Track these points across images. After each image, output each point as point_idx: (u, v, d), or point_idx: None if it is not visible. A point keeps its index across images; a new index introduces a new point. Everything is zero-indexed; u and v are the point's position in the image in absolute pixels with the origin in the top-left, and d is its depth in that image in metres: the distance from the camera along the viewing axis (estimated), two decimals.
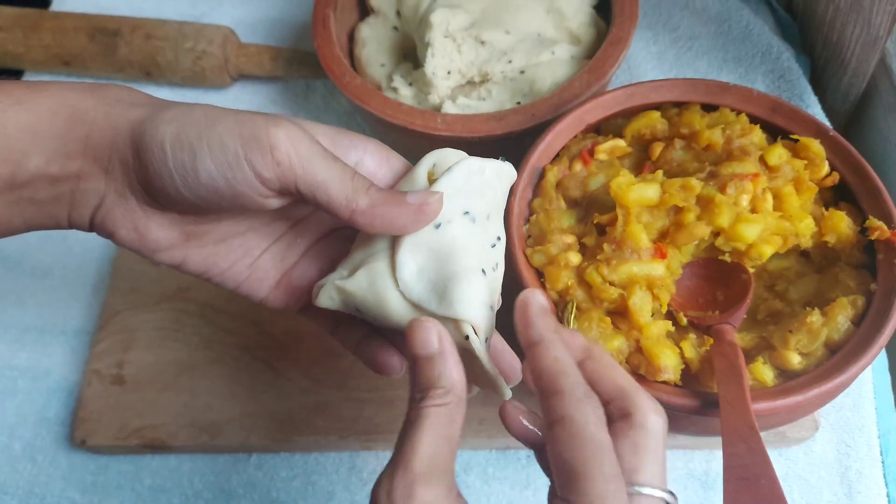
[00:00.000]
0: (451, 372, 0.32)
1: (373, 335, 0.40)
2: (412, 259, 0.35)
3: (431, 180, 0.36)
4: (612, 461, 0.29)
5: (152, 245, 0.37)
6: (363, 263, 0.36)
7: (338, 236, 0.41)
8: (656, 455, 0.32)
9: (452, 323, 0.34)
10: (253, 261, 0.40)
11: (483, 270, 0.35)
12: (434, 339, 0.32)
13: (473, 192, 0.36)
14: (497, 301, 0.37)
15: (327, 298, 0.36)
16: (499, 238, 0.37)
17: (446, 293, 0.34)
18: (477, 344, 0.34)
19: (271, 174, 0.33)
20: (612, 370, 0.33)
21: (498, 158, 0.38)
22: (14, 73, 0.73)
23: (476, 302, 0.34)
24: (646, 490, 0.31)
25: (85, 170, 0.35)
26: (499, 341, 0.39)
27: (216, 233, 0.38)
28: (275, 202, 0.35)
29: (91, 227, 0.37)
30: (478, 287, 0.34)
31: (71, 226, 0.37)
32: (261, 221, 0.39)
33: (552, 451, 0.30)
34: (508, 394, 0.36)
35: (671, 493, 0.31)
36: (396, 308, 0.35)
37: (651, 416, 0.32)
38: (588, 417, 0.30)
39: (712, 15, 0.69)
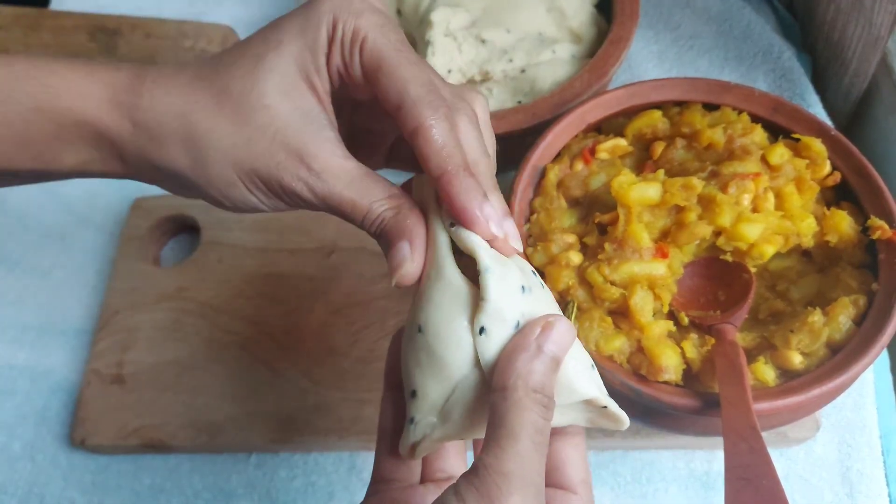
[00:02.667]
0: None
1: None
2: None
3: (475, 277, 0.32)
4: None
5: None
6: (455, 403, 0.31)
7: (365, 113, 0.39)
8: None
9: (582, 404, 0.32)
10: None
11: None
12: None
13: (502, 263, 0.33)
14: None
15: (427, 451, 0.33)
16: (534, 272, 0.34)
17: (562, 383, 0.31)
18: (613, 406, 0.32)
19: (314, 190, 0.33)
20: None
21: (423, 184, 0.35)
22: None
23: (586, 372, 0.32)
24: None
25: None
26: None
27: None
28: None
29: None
30: (579, 356, 0.32)
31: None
32: None
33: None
34: (626, 424, 0.34)
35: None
36: None
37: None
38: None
39: (713, 14, 0.69)
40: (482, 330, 0.31)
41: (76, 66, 0.34)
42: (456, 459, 0.38)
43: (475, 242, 0.32)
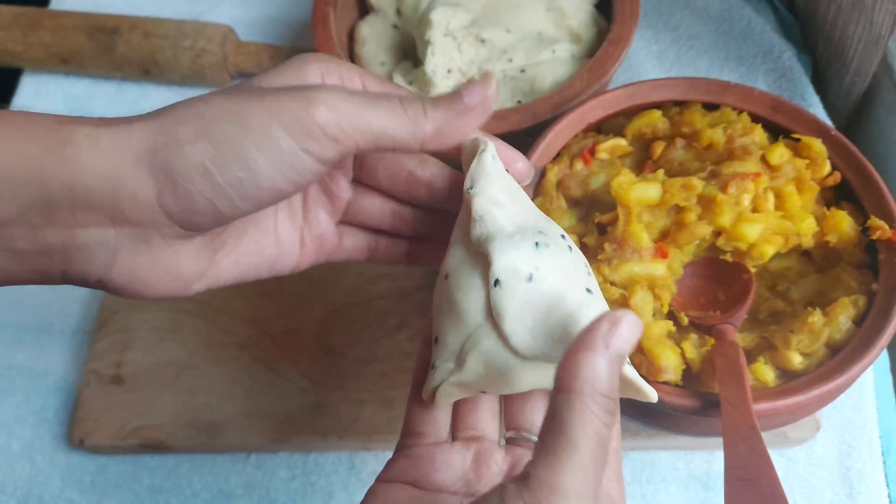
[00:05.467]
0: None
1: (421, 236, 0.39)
2: (520, 325, 0.32)
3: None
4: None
5: (188, 279, 0.33)
6: (468, 348, 0.33)
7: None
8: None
9: None
10: (274, 237, 0.37)
11: (588, 289, 0.33)
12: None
13: (512, 202, 0.34)
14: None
15: (446, 396, 0.34)
16: (563, 236, 0.35)
17: (568, 336, 0.31)
18: (637, 379, 0.32)
19: (332, 152, 0.31)
20: None
21: (473, 139, 0.36)
22: (13, 72, 0.73)
23: None
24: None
25: (79, 219, 0.29)
26: None
27: (233, 230, 0.36)
28: (327, 169, 0.33)
29: (102, 286, 0.32)
30: (596, 314, 0.32)
31: (69, 282, 0.32)
32: None
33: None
34: (655, 397, 0.33)
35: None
36: (525, 374, 0.32)
37: None
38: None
39: (713, 14, 0.69)
40: (497, 282, 0.32)
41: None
42: (487, 416, 0.37)
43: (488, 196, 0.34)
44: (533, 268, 0.32)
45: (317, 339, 0.56)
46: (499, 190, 0.34)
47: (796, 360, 0.42)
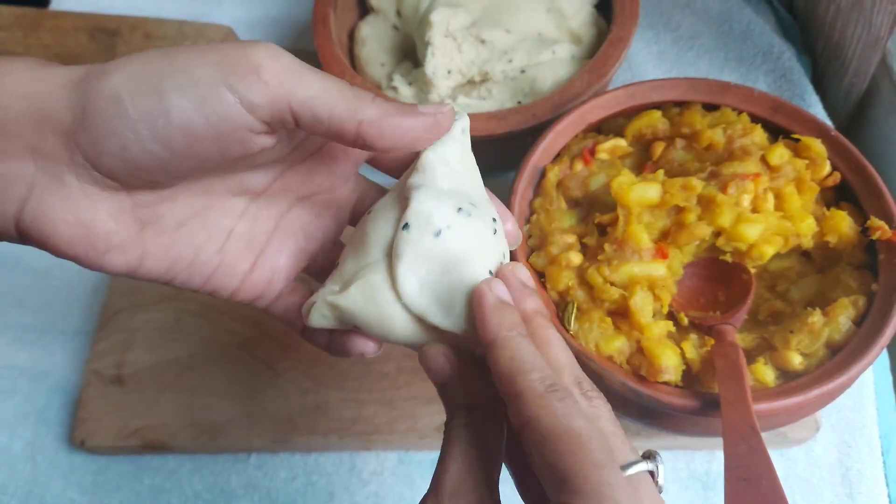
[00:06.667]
0: (471, 389, 0.31)
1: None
2: (413, 273, 0.32)
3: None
4: (599, 447, 0.26)
5: (102, 241, 0.30)
6: (357, 277, 0.33)
7: (301, 211, 0.37)
8: (617, 430, 0.30)
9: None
10: (221, 244, 0.35)
11: (490, 272, 0.33)
12: (446, 366, 0.31)
13: (462, 171, 0.34)
14: None
15: (320, 317, 0.34)
16: (494, 219, 0.34)
17: (454, 307, 0.32)
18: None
19: (261, 98, 0.28)
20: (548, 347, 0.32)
21: (446, 106, 0.35)
22: None
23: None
24: (631, 470, 0.28)
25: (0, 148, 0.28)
26: None
27: (172, 215, 0.33)
28: (264, 140, 0.30)
29: (17, 231, 0.30)
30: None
31: None
32: (220, 197, 0.35)
33: (532, 461, 0.28)
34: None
35: (651, 454, 0.30)
36: (400, 323, 0.33)
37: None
38: (556, 410, 0.27)
39: (713, 15, 0.69)
40: (405, 225, 0.32)
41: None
42: None
43: (427, 160, 0.34)
44: (445, 226, 0.32)
45: None
46: (455, 158, 0.34)
47: (796, 360, 0.42)
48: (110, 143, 0.28)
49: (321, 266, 0.38)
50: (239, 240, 0.35)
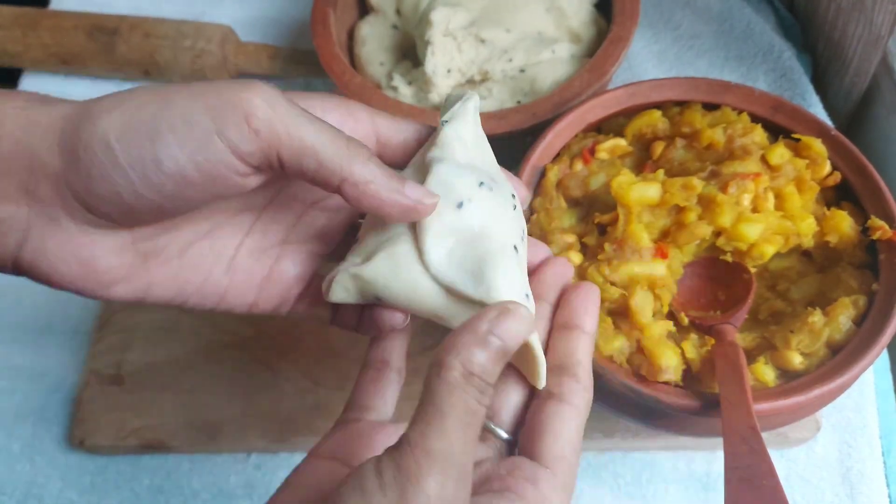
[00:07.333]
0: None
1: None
2: (439, 243, 0.32)
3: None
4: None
5: (104, 277, 0.30)
6: (381, 248, 0.33)
7: (314, 216, 0.37)
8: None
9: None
10: (228, 264, 0.35)
11: (515, 247, 0.33)
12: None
13: (476, 148, 0.35)
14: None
15: (342, 290, 0.33)
16: (513, 195, 0.35)
17: (483, 276, 0.31)
18: (537, 348, 0.32)
19: (251, 146, 0.28)
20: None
21: (455, 93, 0.36)
22: (12, 72, 0.73)
23: (516, 286, 0.32)
24: (497, 431, 0.31)
25: None
26: None
27: (177, 243, 0.33)
28: (253, 180, 0.30)
29: (17, 269, 0.30)
30: (513, 270, 0.32)
31: None
32: (225, 216, 0.35)
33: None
34: (543, 383, 0.33)
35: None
36: (428, 294, 0.32)
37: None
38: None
39: (714, 14, 0.69)
40: None
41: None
42: None
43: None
44: (465, 198, 0.32)
45: (317, 339, 0.56)
46: (470, 134, 0.35)
47: (796, 360, 0.42)
48: (101, 188, 0.28)
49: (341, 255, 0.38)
50: (248, 256, 0.35)
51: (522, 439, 0.32)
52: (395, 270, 0.32)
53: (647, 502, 0.51)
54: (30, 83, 0.72)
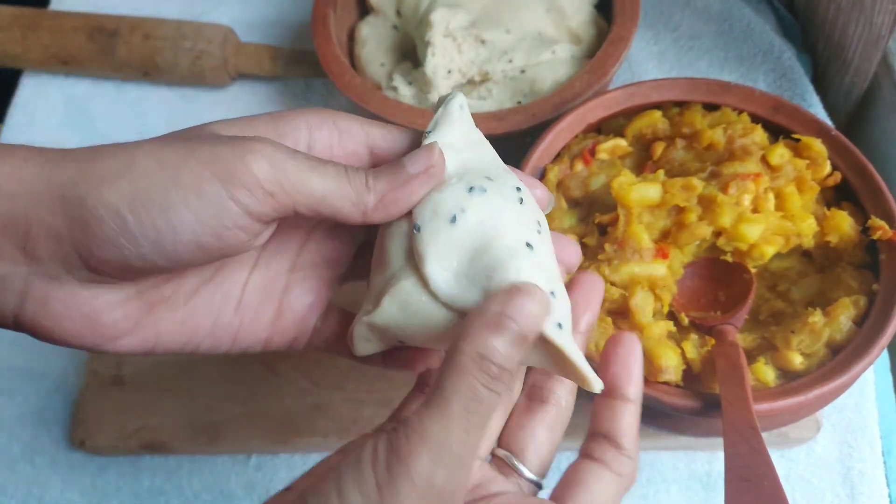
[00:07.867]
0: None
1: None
2: (442, 267, 0.30)
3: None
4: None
5: (110, 331, 0.30)
6: (385, 289, 0.31)
7: (319, 238, 0.36)
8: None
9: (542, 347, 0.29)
10: (237, 303, 0.34)
11: (528, 244, 0.30)
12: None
13: (468, 149, 0.33)
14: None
15: (364, 342, 0.32)
16: (518, 188, 0.32)
17: (497, 287, 0.29)
18: (551, 332, 0.29)
19: (265, 207, 0.29)
20: None
21: (439, 98, 0.34)
22: (13, 73, 0.73)
23: (539, 284, 0.29)
24: (523, 469, 0.32)
25: None
26: None
27: (182, 290, 0.32)
28: (266, 234, 0.31)
29: (19, 326, 0.29)
30: (528, 269, 0.29)
31: None
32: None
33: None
34: (599, 386, 0.30)
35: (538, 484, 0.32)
36: (444, 323, 0.30)
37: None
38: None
39: (713, 14, 0.69)
40: (417, 227, 0.30)
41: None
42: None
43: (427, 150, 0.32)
44: (458, 210, 0.30)
45: None
46: (458, 136, 0.33)
47: (797, 360, 0.42)
48: (109, 252, 0.28)
49: (358, 275, 0.37)
50: (256, 292, 0.34)
51: (557, 488, 0.32)
52: (404, 309, 0.30)
53: (647, 502, 0.51)
54: (30, 84, 0.72)
